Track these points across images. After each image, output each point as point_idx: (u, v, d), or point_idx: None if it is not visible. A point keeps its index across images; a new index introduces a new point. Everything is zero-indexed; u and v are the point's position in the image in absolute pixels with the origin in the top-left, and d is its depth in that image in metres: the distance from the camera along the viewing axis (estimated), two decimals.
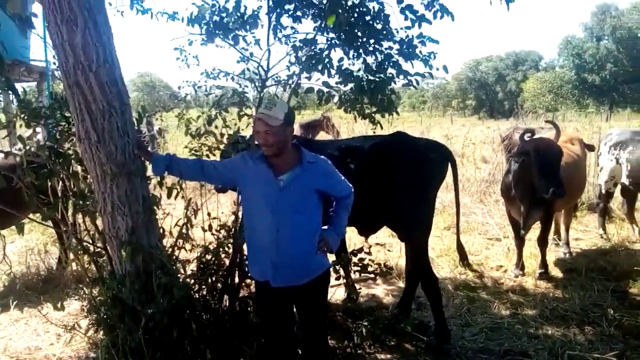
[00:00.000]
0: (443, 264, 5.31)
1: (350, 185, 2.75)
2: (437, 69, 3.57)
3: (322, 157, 2.71)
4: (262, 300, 2.80)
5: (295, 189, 2.53)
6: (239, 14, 3.59)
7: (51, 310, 3.17)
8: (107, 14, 2.63)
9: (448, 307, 4.25)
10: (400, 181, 3.48)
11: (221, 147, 3.61)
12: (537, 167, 4.38)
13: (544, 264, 5.00)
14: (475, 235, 6.33)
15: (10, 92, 3.02)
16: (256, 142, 2.83)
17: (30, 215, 3.83)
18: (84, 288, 3.17)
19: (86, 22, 2.45)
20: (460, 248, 4.07)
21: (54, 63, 3.09)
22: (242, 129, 3.73)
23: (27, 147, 2.97)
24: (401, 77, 3.49)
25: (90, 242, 3.22)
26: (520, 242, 5.11)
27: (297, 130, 10.03)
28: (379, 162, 3.51)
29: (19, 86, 3.06)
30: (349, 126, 10.84)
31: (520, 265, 5.09)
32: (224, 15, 3.64)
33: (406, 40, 3.34)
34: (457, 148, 11.28)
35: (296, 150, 2.63)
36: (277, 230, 2.51)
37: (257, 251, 2.66)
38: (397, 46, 3.42)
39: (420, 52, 3.38)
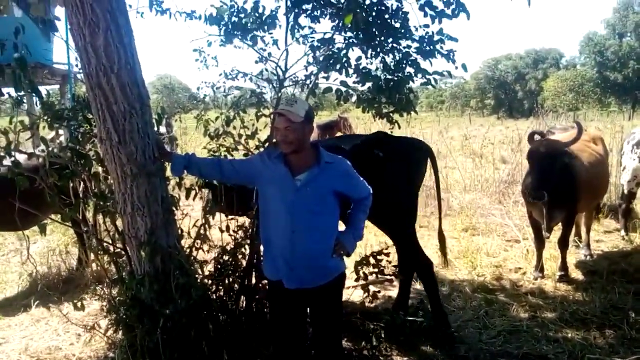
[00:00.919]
0: (460, 266, 5.25)
1: (369, 187, 2.69)
2: (457, 67, 3.54)
3: (341, 157, 2.66)
4: (275, 301, 2.77)
5: (312, 190, 2.49)
6: (257, 15, 3.61)
7: (71, 310, 3.23)
8: (128, 16, 2.66)
9: (465, 310, 4.21)
10: (382, 179, 3.48)
11: (239, 147, 3.62)
12: (530, 168, 4.52)
13: (564, 266, 4.91)
14: (494, 237, 6.25)
15: (33, 94, 3.08)
16: (274, 140, 2.83)
17: (52, 216, 3.90)
18: (104, 288, 3.20)
19: (108, 25, 2.48)
20: (441, 238, 4.19)
21: (77, 66, 3.13)
22: (260, 130, 3.74)
23: (50, 149, 3.02)
24: (419, 75, 3.48)
25: (110, 242, 3.27)
26: (540, 243, 5.03)
27: (314, 131, 10.02)
28: (361, 162, 3.51)
29: (42, 89, 3.11)
30: (366, 126, 10.81)
31: (539, 267, 5.01)
32: (242, 15, 3.66)
33: (426, 37, 3.32)
34: (475, 148, 11.20)
35: (314, 150, 2.57)
36: (292, 231, 2.48)
37: (273, 251, 2.63)
38: (415, 44, 3.41)
39: (442, 47, 3.35)
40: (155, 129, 2.99)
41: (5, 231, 5.72)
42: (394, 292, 4.69)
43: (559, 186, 4.40)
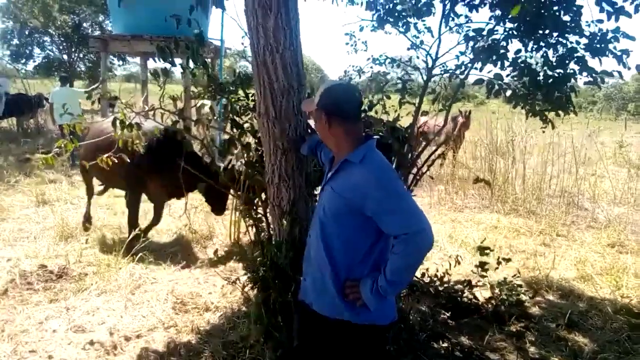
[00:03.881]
0: (602, 284, 4.79)
1: (410, 224, 1.82)
2: (629, 68, 3.19)
3: (378, 163, 1.96)
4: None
5: (328, 189, 2.05)
6: (413, 2, 3.59)
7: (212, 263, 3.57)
8: (297, 0, 2.81)
9: (605, 330, 3.85)
10: None
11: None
12: None
13: None
14: None
15: (202, 67, 3.43)
16: None
17: None
18: (245, 248, 3.50)
19: (279, 7, 2.65)
20: None
21: (243, 44, 3.38)
22: (402, 117, 3.75)
23: (215, 117, 3.35)
24: (585, 74, 3.19)
25: (254, 208, 3.55)
26: None
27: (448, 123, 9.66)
28: None
29: None
30: (503, 122, 10.00)
31: None
32: (397, 1, 3.66)
33: (599, 34, 3.03)
34: (632, 157, 10.01)
35: (354, 145, 2.01)
36: (309, 234, 2.19)
37: None
38: (584, 40, 3.12)
39: (615, 47, 3.04)
40: None
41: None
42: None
43: None
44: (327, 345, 2.08)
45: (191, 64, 3.30)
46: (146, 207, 6.59)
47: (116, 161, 3.46)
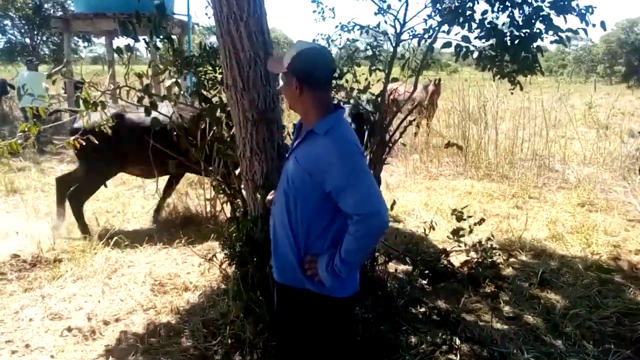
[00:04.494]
0: (573, 242, 4.93)
1: (371, 203, 1.81)
2: (594, 25, 3.21)
3: (344, 136, 1.90)
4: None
5: (292, 159, 2.01)
6: None
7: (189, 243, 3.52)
8: None
9: (576, 287, 3.97)
10: None
11: (351, 101, 3.65)
12: None
13: None
14: (614, 215, 5.75)
15: (167, 42, 3.33)
16: None
17: None
18: (221, 225, 3.47)
19: None
20: None
21: (207, 14, 3.26)
22: (372, 84, 3.72)
23: (182, 93, 3.26)
24: (550, 33, 3.19)
25: (227, 183, 3.50)
26: None
27: (419, 90, 9.68)
28: None
29: None
30: (475, 89, 10.03)
31: None
32: None
33: None
34: (600, 118, 10.22)
35: (322, 114, 1.94)
36: (273, 203, 2.15)
37: None
38: None
39: (578, 5, 3.04)
40: None
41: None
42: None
43: None
44: (297, 314, 2.09)
45: (155, 38, 3.20)
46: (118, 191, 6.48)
47: None
